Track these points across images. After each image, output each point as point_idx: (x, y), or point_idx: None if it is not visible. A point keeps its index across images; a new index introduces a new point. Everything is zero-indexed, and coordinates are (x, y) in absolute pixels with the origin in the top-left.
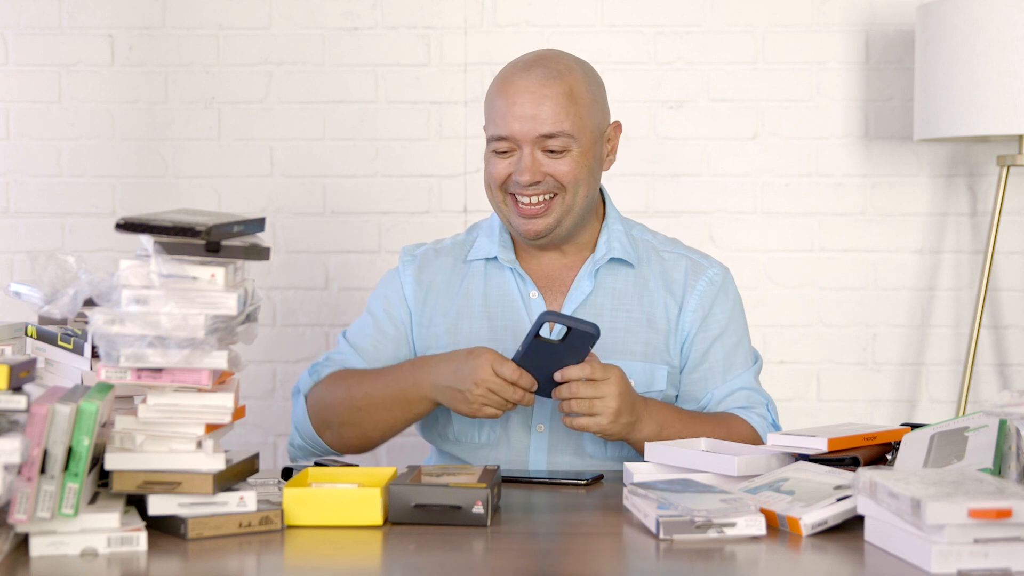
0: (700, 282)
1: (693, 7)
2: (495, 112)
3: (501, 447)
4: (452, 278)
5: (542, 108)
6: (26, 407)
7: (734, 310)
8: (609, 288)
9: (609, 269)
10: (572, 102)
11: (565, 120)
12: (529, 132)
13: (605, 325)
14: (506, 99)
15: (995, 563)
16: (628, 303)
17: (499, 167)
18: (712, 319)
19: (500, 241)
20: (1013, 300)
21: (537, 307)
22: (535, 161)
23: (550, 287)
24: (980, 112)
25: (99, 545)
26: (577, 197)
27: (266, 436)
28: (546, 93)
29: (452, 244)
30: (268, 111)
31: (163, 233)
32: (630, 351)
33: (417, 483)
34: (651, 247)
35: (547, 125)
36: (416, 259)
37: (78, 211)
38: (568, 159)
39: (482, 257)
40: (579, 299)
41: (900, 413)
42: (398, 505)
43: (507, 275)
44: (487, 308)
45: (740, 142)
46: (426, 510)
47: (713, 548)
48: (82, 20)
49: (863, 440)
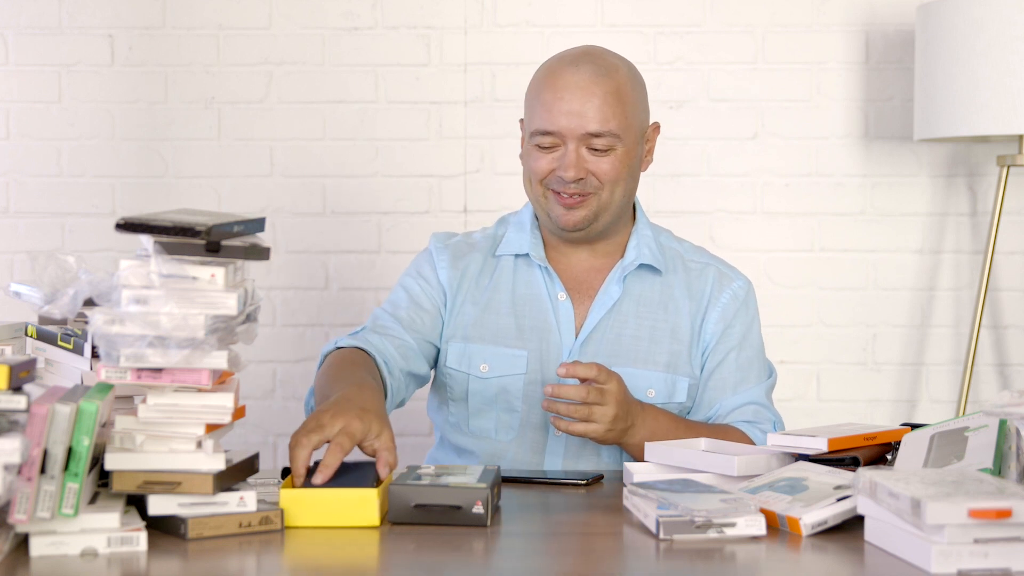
0: (724, 294)
1: (693, 7)
2: (541, 105)
3: (516, 445)
4: (483, 270)
5: (590, 105)
6: (26, 407)
7: (752, 324)
8: (636, 295)
9: (637, 275)
10: (619, 101)
11: (612, 120)
12: (576, 129)
13: (630, 333)
14: (554, 93)
15: (995, 563)
16: (653, 312)
17: (541, 162)
18: (731, 331)
19: (532, 237)
20: (1013, 300)
21: (564, 309)
22: (580, 158)
23: (578, 289)
24: (980, 112)
25: (99, 545)
26: (615, 195)
27: (266, 436)
28: (595, 91)
29: (482, 238)
30: (268, 111)
31: (163, 233)
32: (653, 361)
33: (417, 483)
34: (678, 255)
35: (595, 123)
36: (450, 247)
37: (78, 211)
38: (612, 158)
39: (512, 253)
40: (607, 304)
41: (900, 413)
42: (398, 505)
43: (536, 273)
44: (514, 305)
45: (740, 142)
46: (426, 510)
47: (713, 548)
48: (82, 20)
49: (863, 440)
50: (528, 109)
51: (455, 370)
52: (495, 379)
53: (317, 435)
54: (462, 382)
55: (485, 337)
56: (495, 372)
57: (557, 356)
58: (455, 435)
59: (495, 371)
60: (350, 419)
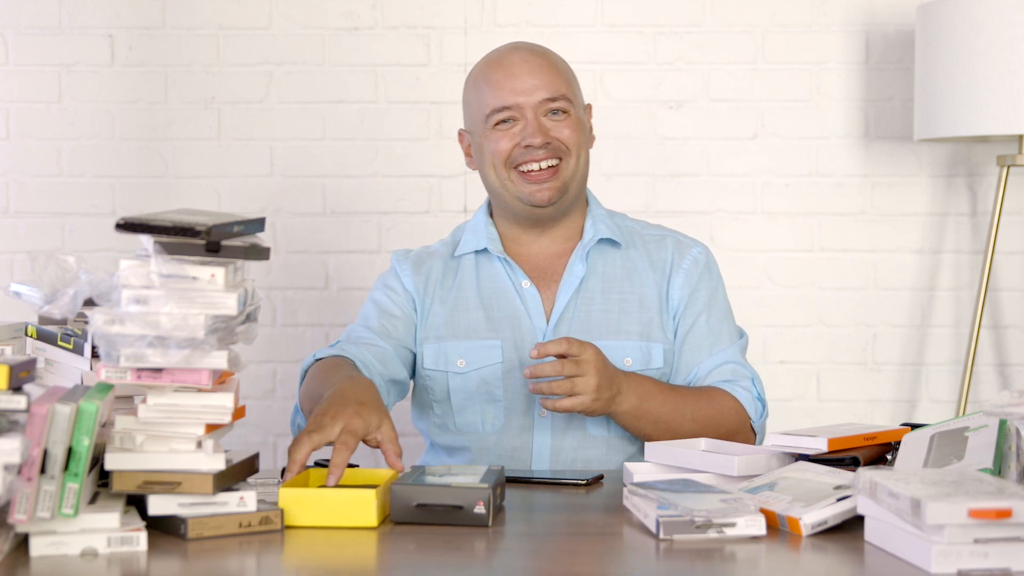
0: (686, 260)
1: (693, 7)
2: (491, 87)
3: (505, 433)
4: (446, 272)
5: (539, 76)
6: (26, 407)
7: (717, 288)
8: (600, 272)
9: (599, 252)
10: (561, 73)
11: (562, 85)
12: (532, 97)
13: (599, 308)
14: (502, 71)
15: (995, 563)
16: (619, 285)
17: (502, 142)
18: (697, 295)
19: (487, 233)
20: (1013, 300)
21: (531, 296)
22: (541, 124)
23: (541, 276)
24: (980, 112)
25: (99, 545)
26: (580, 162)
27: (266, 436)
28: (540, 62)
29: (440, 245)
30: (268, 111)
31: (163, 233)
32: (626, 331)
33: (420, 483)
34: (635, 231)
35: (548, 89)
36: (410, 258)
37: (78, 211)
38: (570, 122)
39: (470, 251)
40: (574, 284)
41: (900, 413)
42: (400, 504)
43: (497, 266)
44: (482, 299)
45: (740, 142)
46: (428, 510)
47: (713, 548)
48: (82, 20)
49: (863, 440)
50: (474, 104)
51: (433, 370)
52: (474, 372)
53: (319, 435)
54: (442, 381)
55: (458, 334)
56: (472, 365)
57: (531, 342)
58: (442, 436)
59: (472, 364)
60: (349, 417)
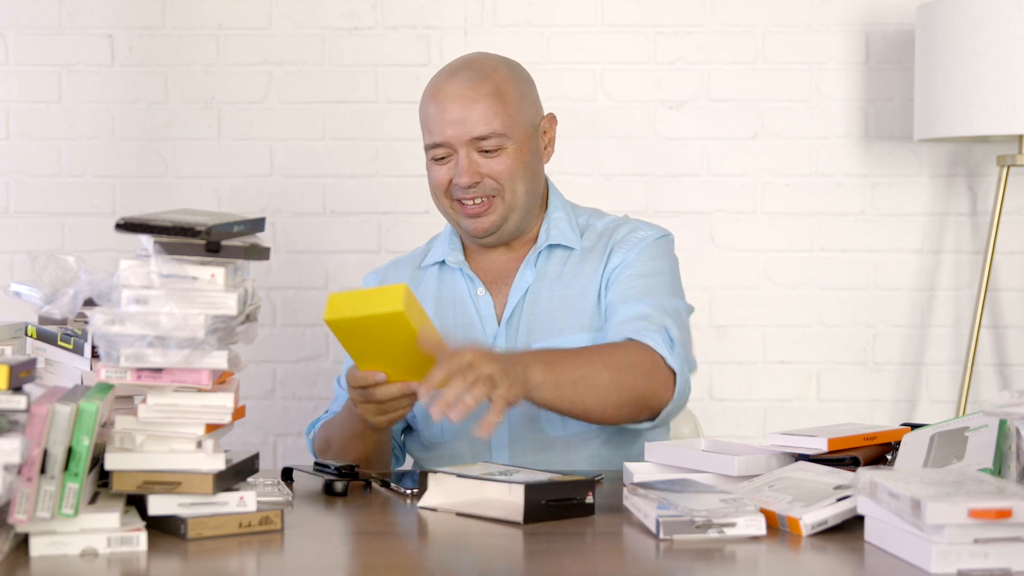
0: (630, 239)
1: (693, 7)
2: (428, 120)
3: (466, 444)
4: (411, 282)
5: (472, 111)
6: (26, 407)
7: (656, 259)
8: (549, 274)
9: (550, 257)
10: (500, 101)
11: (495, 119)
12: (462, 136)
13: (542, 307)
14: (437, 105)
15: (995, 563)
16: (565, 283)
17: (439, 173)
18: (630, 264)
19: (450, 244)
20: (1013, 300)
21: (484, 303)
22: (472, 163)
23: (496, 283)
24: (980, 112)
25: (99, 545)
26: (517, 194)
27: (266, 436)
28: (473, 96)
29: (411, 256)
30: (268, 111)
31: (163, 233)
32: (571, 326)
33: (546, 481)
34: (595, 231)
35: (478, 127)
36: (378, 273)
37: (78, 211)
38: (503, 157)
39: (434, 262)
40: (522, 288)
41: (900, 413)
42: (533, 504)
43: (457, 276)
44: (439, 309)
45: (740, 142)
46: (556, 506)
47: (713, 548)
48: (82, 20)
49: (863, 440)
50: (421, 127)
51: None
52: None
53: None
54: None
55: None
56: None
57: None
58: (422, 452)
59: None
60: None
